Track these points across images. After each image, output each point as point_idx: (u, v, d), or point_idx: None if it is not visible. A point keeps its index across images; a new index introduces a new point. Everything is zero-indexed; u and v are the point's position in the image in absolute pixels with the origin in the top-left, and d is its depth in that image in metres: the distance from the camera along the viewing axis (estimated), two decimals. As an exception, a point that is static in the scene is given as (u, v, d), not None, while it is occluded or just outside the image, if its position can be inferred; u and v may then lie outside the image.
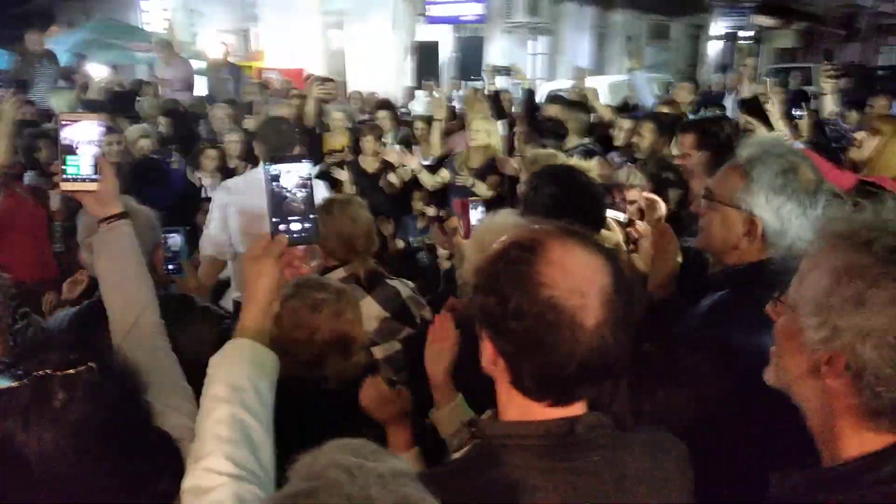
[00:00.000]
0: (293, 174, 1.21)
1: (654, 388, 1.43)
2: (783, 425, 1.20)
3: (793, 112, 4.68)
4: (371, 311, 2.43)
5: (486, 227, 2.20)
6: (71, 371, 1.09)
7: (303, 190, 1.22)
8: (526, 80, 6.51)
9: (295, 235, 1.21)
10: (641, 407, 1.39)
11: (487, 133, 4.71)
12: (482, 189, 4.50)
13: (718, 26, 20.62)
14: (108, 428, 1.12)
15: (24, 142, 4.65)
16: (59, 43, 11.40)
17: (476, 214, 2.78)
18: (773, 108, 3.46)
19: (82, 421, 1.08)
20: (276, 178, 1.21)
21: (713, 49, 21.18)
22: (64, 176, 1.40)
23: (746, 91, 4.66)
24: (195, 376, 1.49)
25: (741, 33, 20.97)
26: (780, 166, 1.49)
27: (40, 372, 1.08)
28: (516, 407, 1.00)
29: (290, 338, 1.69)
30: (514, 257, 0.97)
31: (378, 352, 2.43)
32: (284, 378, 1.50)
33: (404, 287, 2.59)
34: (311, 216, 1.22)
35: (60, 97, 6.53)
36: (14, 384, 1.08)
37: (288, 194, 1.21)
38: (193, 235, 4.57)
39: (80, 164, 1.39)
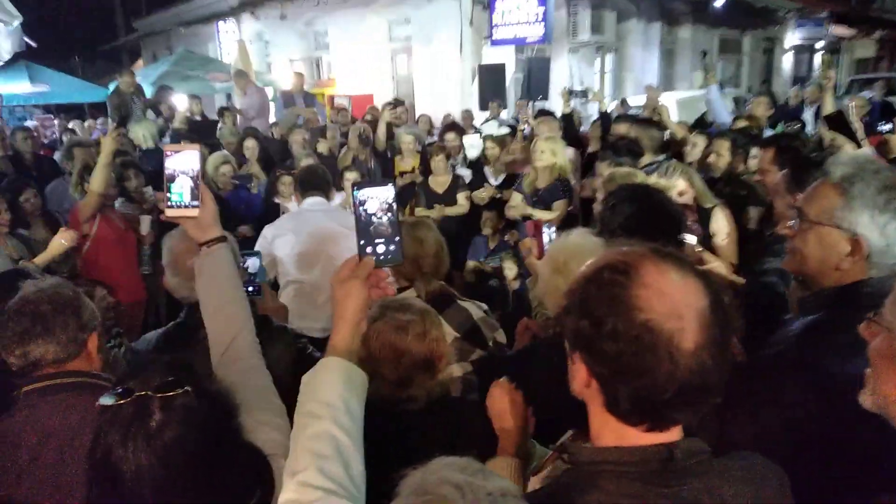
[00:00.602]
0: (378, 198, 1.25)
1: (743, 412, 1.38)
2: (882, 451, 1.15)
3: (879, 127, 4.47)
4: (441, 331, 2.46)
5: (560, 246, 2.19)
6: (170, 393, 1.16)
7: (388, 213, 1.25)
8: (603, 102, 6.47)
9: (381, 257, 1.25)
10: (730, 431, 1.35)
11: (553, 153, 4.69)
12: (542, 213, 4.49)
13: (793, 38, 19.94)
14: (200, 451, 1.17)
15: (115, 171, 4.92)
16: (144, 76, 12.14)
17: (549, 235, 2.78)
18: (859, 124, 3.31)
19: (175, 443, 1.13)
20: (362, 202, 1.24)
21: (787, 62, 20.49)
22: (168, 203, 1.48)
23: (830, 106, 4.46)
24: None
25: (817, 45, 20.22)
26: (882, 182, 1.43)
27: (141, 392, 1.15)
28: (611, 431, 0.98)
29: (379, 359, 1.72)
30: (607, 280, 0.95)
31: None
32: (374, 398, 1.53)
33: (476, 309, 2.60)
34: (396, 238, 1.25)
35: (141, 127, 6.86)
36: (119, 402, 1.15)
37: (374, 218, 1.24)
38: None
39: (183, 192, 1.47)
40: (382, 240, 1.25)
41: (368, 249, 1.24)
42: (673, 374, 0.89)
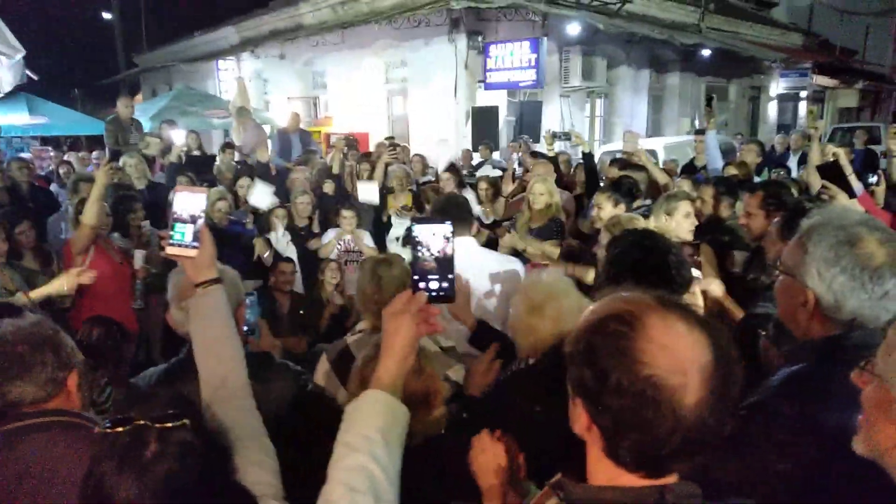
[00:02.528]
0: (434, 235, 1.27)
1: (726, 458, 1.36)
2: (865, 497, 1.16)
3: (869, 179, 4.59)
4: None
5: (533, 286, 2.20)
6: (168, 425, 1.17)
7: (443, 250, 1.27)
8: (585, 143, 6.59)
9: (433, 293, 1.26)
10: (711, 477, 1.36)
11: (550, 193, 4.76)
12: (536, 246, 4.53)
13: (778, 87, 20.43)
14: (191, 489, 1.16)
15: (116, 204, 4.94)
16: (143, 110, 12.26)
17: None
18: (851, 175, 3.34)
19: (168, 477, 1.13)
20: (419, 238, 1.27)
21: (772, 110, 20.95)
22: (170, 241, 1.52)
23: (817, 156, 4.59)
24: (274, 431, 1.57)
25: (802, 93, 20.71)
26: (836, 238, 1.43)
27: (139, 421, 1.16)
28: (606, 472, 0.99)
29: None
30: (612, 331, 0.94)
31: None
32: None
33: (430, 344, 2.54)
34: (449, 276, 1.26)
35: (134, 161, 6.79)
36: (118, 429, 1.16)
37: (429, 254, 1.26)
38: (268, 294, 4.75)
39: (185, 232, 1.52)
40: (436, 276, 1.26)
41: (422, 285, 1.26)
42: (674, 429, 0.90)
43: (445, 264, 1.26)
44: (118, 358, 3.78)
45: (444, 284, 1.26)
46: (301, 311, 4.86)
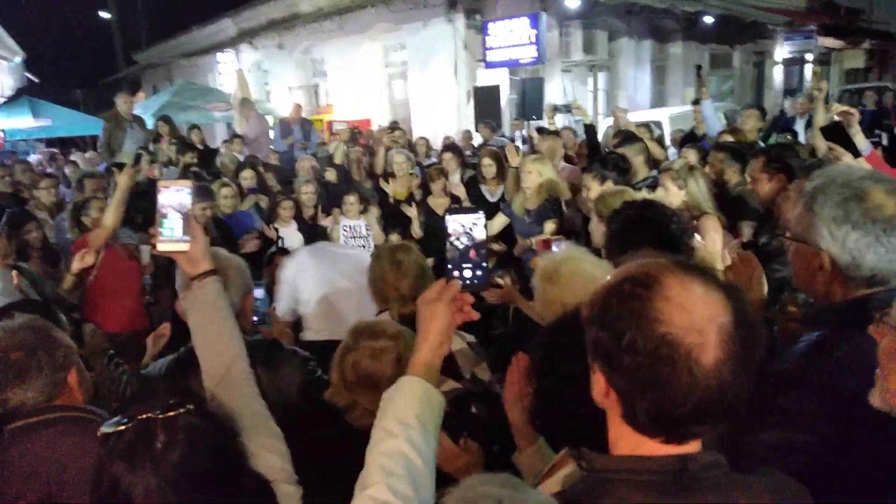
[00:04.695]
0: (468, 224, 1.28)
1: (750, 430, 1.33)
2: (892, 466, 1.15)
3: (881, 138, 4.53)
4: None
5: (548, 257, 2.21)
6: (171, 413, 1.16)
7: (476, 239, 1.28)
8: (587, 115, 6.46)
9: (467, 282, 1.27)
10: (740, 447, 1.28)
11: (539, 173, 4.61)
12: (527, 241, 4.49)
13: (782, 51, 20.13)
14: (208, 470, 1.17)
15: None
16: (145, 107, 12.26)
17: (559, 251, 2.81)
18: (858, 134, 3.28)
19: (182, 463, 1.13)
20: (453, 227, 1.28)
21: (778, 75, 20.66)
22: (160, 238, 1.51)
23: (822, 118, 4.52)
24: (283, 416, 1.59)
25: (807, 56, 20.40)
26: (842, 195, 1.39)
27: (143, 416, 1.16)
28: (627, 441, 0.98)
29: (357, 390, 1.73)
30: (629, 292, 0.94)
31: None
32: (359, 428, 1.55)
33: (457, 339, 2.48)
34: (483, 264, 1.28)
35: (129, 155, 6.79)
36: (120, 428, 1.15)
37: (463, 243, 1.28)
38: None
39: (174, 227, 1.50)
40: (469, 265, 1.28)
41: (455, 273, 1.27)
42: (691, 388, 0.89)
43: (478, 253, 1.28)
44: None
45: (478, 272, 1.27)
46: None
